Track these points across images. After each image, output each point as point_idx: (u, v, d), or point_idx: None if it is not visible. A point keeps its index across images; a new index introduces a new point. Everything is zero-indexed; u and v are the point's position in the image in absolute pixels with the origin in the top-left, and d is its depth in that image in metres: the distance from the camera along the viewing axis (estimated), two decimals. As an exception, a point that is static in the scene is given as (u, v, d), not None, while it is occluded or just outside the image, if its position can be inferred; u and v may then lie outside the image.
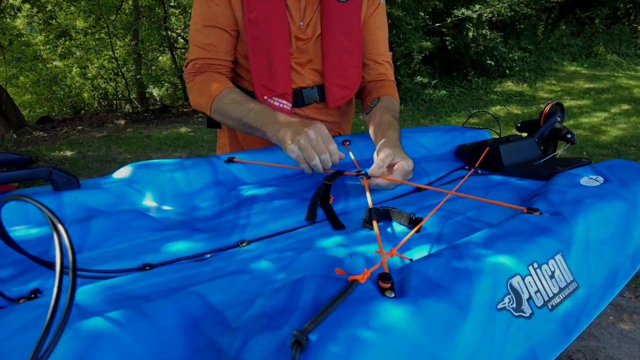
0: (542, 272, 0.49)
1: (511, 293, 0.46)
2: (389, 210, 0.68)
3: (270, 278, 0.54)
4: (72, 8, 9.05)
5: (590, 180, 0.72)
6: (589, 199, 0.64)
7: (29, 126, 7.45)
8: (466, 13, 7.18)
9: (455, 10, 7.32)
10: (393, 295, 0.42)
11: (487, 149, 0.94)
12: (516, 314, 0.45)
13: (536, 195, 0.70)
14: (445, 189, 0.77)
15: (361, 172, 0.81)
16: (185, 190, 0.80)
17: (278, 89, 1.00)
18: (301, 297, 0.41)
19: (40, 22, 8.34)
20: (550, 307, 0.48)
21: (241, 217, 0.73)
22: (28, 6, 7.85)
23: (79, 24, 10.09)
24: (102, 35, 9.67)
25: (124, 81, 10.50)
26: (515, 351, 0.43)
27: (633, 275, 0.59)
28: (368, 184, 0.77)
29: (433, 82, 7.63)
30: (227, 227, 0.70)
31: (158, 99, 11.40)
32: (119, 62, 10.11)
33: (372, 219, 0.62)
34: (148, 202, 0.77)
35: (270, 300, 0.42)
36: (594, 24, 9.70)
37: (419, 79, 7.54)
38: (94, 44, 9.90)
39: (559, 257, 0.52)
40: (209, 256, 0.62)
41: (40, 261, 0.52)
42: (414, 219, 0.65)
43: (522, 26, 9.00)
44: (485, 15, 7.22)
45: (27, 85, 10.58)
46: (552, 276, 0.50)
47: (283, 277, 0.54)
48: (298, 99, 1.05)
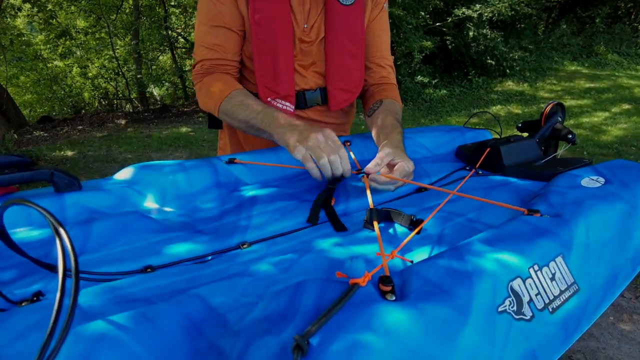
0: (543, 275, 0.49)
1: (512, 296, 0.46)
2: (390, 212, 0.69)
3: (272, 280, 0.54)
4: (72, 7, 9.05)
5: (591, 181, 0.72)
6: (590, 200, 0.64)
7: (29, 126, 7.45)
8: (467, 12, 7.18)
9: (456, 10, 7.31)
10: (394, 298, 0.42)
11: (488, 149, 0.94)
12: (517, 316, 0.45)
13: (537, 197, 0.70)
14: (446, 190, 0.77)
15: (361, 170, 0.81)
16: (187, 191, 0.80)
17: (281, 90, 1.00)
18: (302, 300, 0.41)
19: (41, 21, 8.34)
20: (550, 310, 0.48)
21: (242, 219, 0.73)
22: (28, 6, 7.85)
23: (80, 23, 10.09)
24: (103, 35, 9.67)
25: (124, 81, 10.51)
26: (516, 354, 0.44)
27: (633, 277, 0.59)
28: (367, 181, 0.77)
29: (433, 82, 7.63)
30: (228, 228, 0.70)
31: (158, 98, 11.40)
32: (119, 62, 10.11)
33: (373, 219, 0.62)
34: (149, 204, 0.77)
35: (272, 303, 0.42)
36: (594, 24, 9.69)
37: (419, 78, 7.53)
38: (94, 43, 9.91)
39: (559, 259, 0.52)
40: (210, 258, 0.62)
41: (43, 264, 0.52)
42: (414, 220, 0.65)
43: (522, 25, 8.99)
44: (486, 14, 7.22)
45: (28, 85, 10.58)
46: (552, 278, 0.50)
47: (284, 280, 0.54)
48: (301, 101, 1.05)
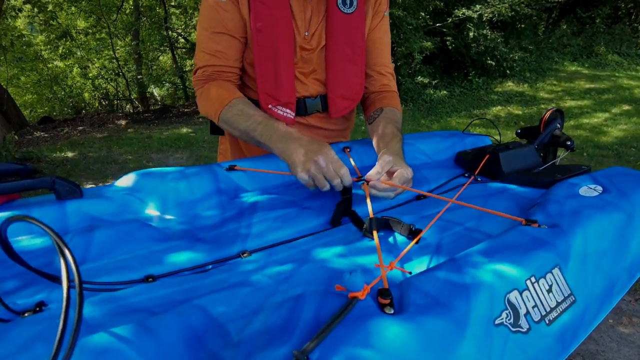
0: (540, 287, 0.50)
1: (509, 308, 0.46)
2: (389, 220, 0.69)
3: (272, 290, 0.54)
4: (72, 8, 9.06)
5: (589, 190, 0.73)
6: (588, 210, 0.64)
7: (30, 126, 7.47)
8: (467, 13, 7.18)
9: (456, 10, 7.32)
10: (392, 311, 0.43)
11: (487, 156, 0.94)
12: (513, 329, 0.45)
13: (535, 206, 0.70)
14: (445, 198, 0.77)
15: (361, 178, 0.82)
16: (187, 198, 0.81)
17: (282, 97, 1.01)
18: (302, 313, 0.42)
19: (41, 22, 8.35)
20: (547, 322, 0.48)
21: (242, 227, 0.73)
22: (29, 7, 7.86)
23: (80, 24, 10.10)
24: (103, 35, 9.68)
25: (124, 81, 10.52)
26: (513, 366, 0.44)
27: (630, 287, 0.60)
28: (367, 189, 0.77)
29: (434, 82, 7.63)
30: (228, 237, 0.71)
31: (159, 98, 11.41)
32: (119, 62, 10.12)
33: (373, 229, 0.63)
34: (150, 211, 0.78)
35: (272, 316, 0.43)
36: (594, 24, 9.69)
37: (419, 79, 7.54)
38: (94, 44, 9.91)
39: (556, 271, 0.52)
40: (210, 267, 0.63)
41: (46, 275, 0.53)
42: (413, 230, 0.65)
43: (522, 26, 8.99)
44: (486, 15, 7.22)
45: (28, 86, 10.59)
46: (549, 290, 0.50)
47: (284, 290, 0.54)
48: (301, 108, 1.06)
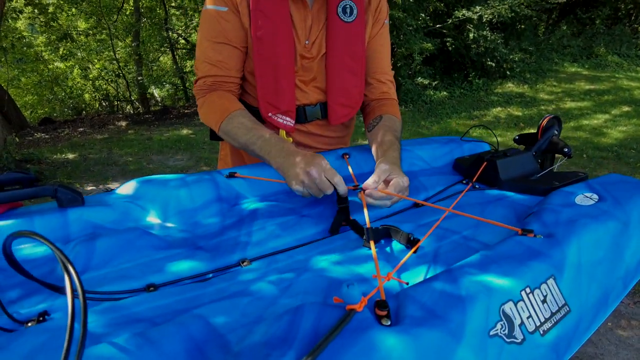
0: (535, 297, 0.51)
1: (503, 319, 0.47)
2: (388, 229, 0.70)
3: (271, 300, 0.55)
4: (73, 10, 9.07)
5: (585, 198, 0.74)
6: (583, 219, 0.65)
7: (30, 127, 7.48)
8: (467, 14, 7.19)
9: (456, 12, 7.33)
10: (389, 322, 0.43)
11: (485, 163, 0.95)
12: (508, 340, 0.46)
13: (531, 215, 0.71)
14: (443, 206, 0.78)
15: (358, 186, 0.83)
16: (188, 206, 0.82)
17: (282, 106, 1.02)
18: (301, 325, 0.42)
19: (42, 23, 8.36)
20: (541, 332, 0.49)
21: (242, 235, 0.74)
22: (30, 8, 7.87)
23: (81, 25, 10.11)
24: (104, 37, 9.69)
25: (125, 82, 10.53)
26: (507, 376, 0.45)
27: (624, 296, 0.61)
28: (365, 198, 0.78)
29: (434, 83, 7.64)
30: (229, 245, 0.71)
31: (159, 99, 11.42)
32: (120, 63, 10.14)
33: (370, 239, 0.64)
34: (151, 219, 0.79)
35: (272, 327, 0.44)
36: (594, 25, 9.70)
37: (419, 80, 7.55)
38: (95, 45, 9.93)
39: (551, 281, 0.53)
40: (211, 276, 0.64)
41: (50, 286, 0.54)
42: (412, 239, 0.66)
43: (522, 27, 9.00)
44: (486, 16, 7.23)
45: (29, 87, 10.60)
46: (544, 301, 0.51)
47: (283, 300, 0.55)
48: (301, 115, 1.07)
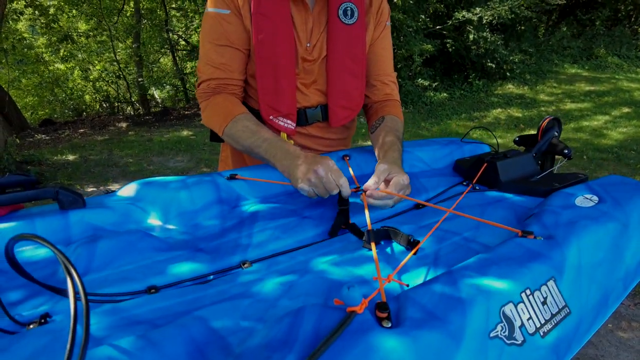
0: (535, 299, 0.51)
1: (504, 321, 0.47)
2: (389, 231, 0.70)
3: (272, 302, 0.55)
4: (74, 11, 9.09)
5: (585, 200, 0.74)
6: (583, 221, 0.65)
7: (31, 129, 7.49)
8: (467, 16, 7.20)
9: (456, 13, 7.34)
10: (390, 324, 0.44)
11: (485, 165, 0.95)
12: (508, 341, 0.46)
13: (531, 216, 0.71)
14: (443, 207, 0.78)
15: (360, 188, 0.83)
16: (189, 208, 0.82)
17: (283, 109, 1.02)
18: (301, 327, 0.43)
19: (43, 25, 8.37)
20: (542, 334, 0.49)
21: (243, 237, 0.74)
22: (31, 10, 7.89)
23: (81, 26, 10.13)
24: (104, 38, 9.70)
25: (125, 83, 10.54)
26: (508, 378, 0.45)
27: (624, 297, 0.61)
28: (366, 199, 0.78)
29: (434, 85, 7.65)
30: (229, 247, 0.72)
31: (159, 101, 11.44)
32: (120, 65, 10.15)
33: (371, 241, 0.64)
34: (152, 221, 0.79)
35: (273, 330, 0.44)
36: (594, 26, 9.71)
37: (419, 81, 7.56)
38: (95, 46, 9.93)
39: (551, 283, 0.53)
40: (212, 278, 0.64)
41: (52, 288, 0.54)
42: (412, 241, 0.66)
43: (522, 28, 9.01)
44: (486, 17, 7.23)
45: (29, 88, 10.61)
46: (544, 302, 0.51)
47: (284, 302, 0.55)
48: (302, 118, 1.07)
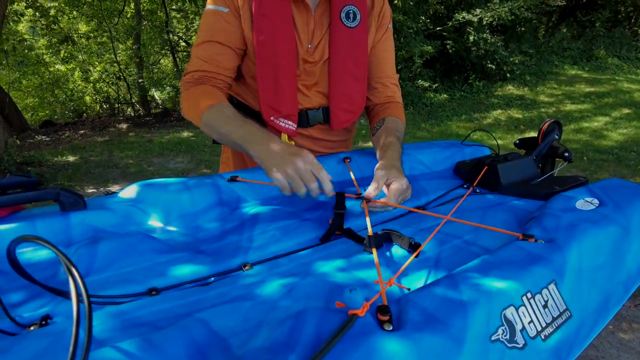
0: (536, 302, 0.51)
1: (505, 324, 0.47)
2: (390, 234, 0.70)
3: (273, 305, 0.55)
4: (74, 13, 9.10)
5: (585, 203, 0.74)
6: (584, 224, 0.65)
7: (31, 130, 7.49)
8: (467, 17, 7.21)
9: (456, 14, 7.35)
10: (391, 328, 0.44)
11: (486, 168, 0.95)
12: (509, 345, 0.46)
13: (532, 219, 0.71)
14: (444, 211, 0.79)
15: (360, 194, 0.83)
16: (190, 210, 0.82)
17: (284, 110, 1.02)
18: (303, 330, 0.43)
19: (43, 26, 8.38)
20: (543, 337, 0.49)
21: (244, 239, 0.75)
22: (31, 11, 7.90)
23: (82, 28, 10.14)
24: (104, 39, 9.71)
25: (125, 85, 10.55)
26: (509, 382, 0.45)
27: (625, 301, 0.61)
28: (367, 206, 0.78)
29: (434, 86, 7.65)
30: (230, 249, 0.72)
31: (160, 102, 11.44)
32: (121, 66, 10.16)
33: (372, 246, 0.64)
34: (153, 223, 0.79)
35: (274, 332, 0.44)
36: (594, 27, 9.73)
37: (420, 82, 7.56)
38: (96, 48, 9.94)
39: (552, 287, 0.53)
40: (212, 280, 0.64)
41: (54, 290, 0.54)
42: (413, 243, 0.66)
43: (522, 30, 9.02)
44: (486, 19, 7.25)
45: (30, 89, 10.62)
46: (545, 306, 0.51)
47: (285, 304, 0.55)
48: (303, 119, 1.07)
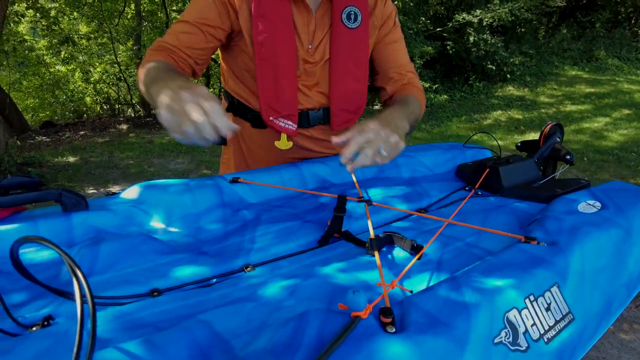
0: (539, 305, 0.51)
1: (508, 327, 0.47)
2: (392, 237, 0.70)
3: (275, 306, 0.55)
4: (75, 14, 9.10)
5: (587, 206, 0.74)
6: (586, 227, 0.65)
7: (32, 131, 7.49)
8: (467, 18, 7.21)
9: (456, 15, 7.35)
10: (394, 330, 0.44)
11: (487, 170, 0.95)
12: (512, 347, 0.46)
13: (534, 222, 0.71)
14: (446, 214, 0.78)
15: (363, 198, 0.83)
16: (192, 211, 0.82)
17: (284, 110, 1.02)
18: (306, 332, 0.43)
19: (44, 27, 8.38)
20: (546, 340, 0.49)
21: (245, 241, 0.75)
22: (32, 12, 7.90)
23: (82, 29, 10.14)
24: (105, 40, 9.71)
25: (126, 85, 10.54)
26: (512, 384, 0.45)
27: (628, 303, 0.61)
28: (367, 208, 0.78)
29: (434, 87, 7.65)
30: (232, 250, 0.72)
31: (160, 102, 11.43)
32: (121, 67, 10.16)
33: (374, 248, 0.64)
34: (155, 224, 0.79)
35: (277, 334, 0.44)
36: (594, 28, 9.73)
37: (420, 83, 7.56)
38: (96, 48, 9.94)
39: (555, 289, 0.53)
40: (214, 281, 0.64)
41: (56, 291, 0.54)
42: (415, 246, 0.66)
43: (522, 30, 9.02)
44: (486, 20, 7.25)
45: (30, 90, 10.61)
46: (548, 308, 0.51)
47: (288, 305, 0.55)
48: (304, 120, 1.07)
